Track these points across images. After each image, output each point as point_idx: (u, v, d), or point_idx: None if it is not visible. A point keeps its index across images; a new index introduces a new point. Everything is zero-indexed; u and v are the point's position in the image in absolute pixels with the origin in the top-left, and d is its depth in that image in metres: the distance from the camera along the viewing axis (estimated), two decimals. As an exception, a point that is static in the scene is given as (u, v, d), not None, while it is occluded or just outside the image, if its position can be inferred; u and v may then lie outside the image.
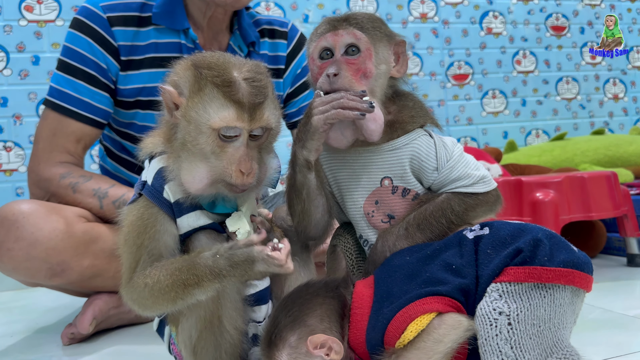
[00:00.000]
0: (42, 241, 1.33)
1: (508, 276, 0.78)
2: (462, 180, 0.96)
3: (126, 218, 0.94)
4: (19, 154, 2.37)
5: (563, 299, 0.79)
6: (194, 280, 0.88)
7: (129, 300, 0.93)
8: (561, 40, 3.22)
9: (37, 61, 2.39)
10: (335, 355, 0.81)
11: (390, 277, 0.86)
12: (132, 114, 1.58)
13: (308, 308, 0.85)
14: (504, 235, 0.83)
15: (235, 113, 0.89)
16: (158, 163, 0.97)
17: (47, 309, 1.87)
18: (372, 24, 0.99)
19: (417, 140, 0.98)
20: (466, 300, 0.81)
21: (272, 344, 0.84)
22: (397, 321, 0.78)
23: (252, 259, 0.87)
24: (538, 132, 3.15)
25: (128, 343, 1.41)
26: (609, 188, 1.75)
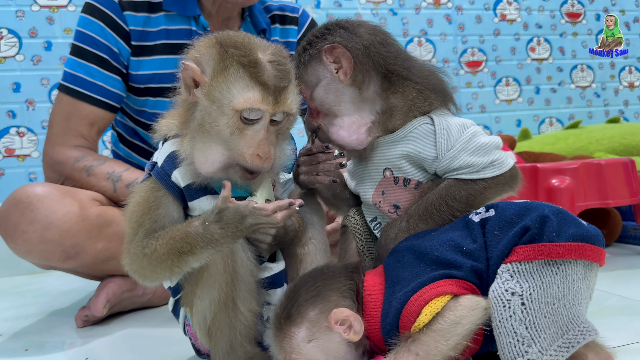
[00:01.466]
0: (57, 224, 1.33)
1: (517, 255, 0.77)
2: (465, 169, 0.93)
3: (133, 196, 0.95)
4: (32, 139, 2.38)
5: (576, 274, 0.77)
6: (188, 249, 0.88)
7: (130, 272, 0.94)
8: (576, 27, 3.17)
9: (49, 47, 2.39)
10: (354, 334, 0.80)
11: (398, 262, 0.85)
12: (142, 100, 1.58)
13: (332, 284, 0.84)
14: (510, 215, 0.82)
15: (261, 95, 0.88)
16: (171, 146, 0.96)
17: (60, 292, 1.88)
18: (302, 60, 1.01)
19: (414, 132, 0.97)
20: (479, 283, 0.79)
21: (289, 319, 0.83)
22: (412, 305, 0.77)
23: (241, 213, 0.86)
24: (552, 120, 3.12)
25: (141, 326, 1.42)
26: (626, 175, 1.73)
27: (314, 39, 1.00)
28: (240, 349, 0.98)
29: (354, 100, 0.99)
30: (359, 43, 0.97)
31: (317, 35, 1.01)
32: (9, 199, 1.37)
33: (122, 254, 0.94)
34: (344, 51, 0.97)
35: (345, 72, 0.97)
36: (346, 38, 0.98)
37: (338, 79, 0.98)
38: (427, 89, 0.99)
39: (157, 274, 0.92)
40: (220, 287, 0.93)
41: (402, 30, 2.86)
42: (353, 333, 0.80)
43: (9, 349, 1.29)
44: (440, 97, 1.00)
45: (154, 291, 1.55)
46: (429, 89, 0.99)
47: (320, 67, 0.99)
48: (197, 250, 0.88)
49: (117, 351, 1.24)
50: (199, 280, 0.95)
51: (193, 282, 0.96)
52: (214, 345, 0.98)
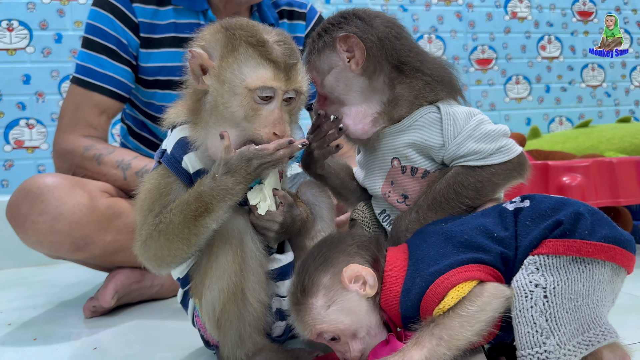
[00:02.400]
0: (66, 215, 1.33)
1: (546, 248, 0.76)
2: (472, 155, 0.93)
3: (144, 185, 0.95)
4: (41, 131, 2.39)
5: (602, 276, 0.76)
6: (204, 207, 0.88)
7: (144, 260, 0.94)
8: (587, 26, 3.15)
9: (59, 39, 2.39)
10: (369, 289, 0.81)
11: (425, 242, 0.84)
12: (151, 93, 1.59)
13: (338, 248, 0.85)
14: (545, 208, 0.81)
15: (272, 72, 0.88)
16: (179, 132, 0.97)
17: (68, 284, 1.88)
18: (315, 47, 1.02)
19: (420, 120, 0.97)
20: (505, 270, 0.79)
21: (305, 291, 0.82)
22: (438, 287, 0.77)
23: (245, 157, 0.87)
24: (562, 119, 3.10)
25: (149, 317, 1.42)
26: (638, 174, 1.71)
27: (330, 27, 1.01)
28: (249, 340, 0.98)
29: (362, 90, 0.99)
30: (373, 35, 0.98)
31: (333, 23, 1.01)
32: (20, 190, 1.37)
33: (134, 243, 0.94)
34: (358, 41, 0.97)
35: (357, 62, 0.98)
36: (362, 28, 0.98)
37: (349, 69, 0.98)
38: (435, 81, 0.99)
39: (174, 250, 0.91)
40: (229, 277, 0.93)
41: (412, 26, 2.85)
42: (368, 287, 0.81)
43: (18, 338, 1.30)
44: (448, 88, 1.00)
45: (162, 283, 1.55)
46: (437, 81, 0.99)
47: (333, 54, 0.99)
48: (214, 206, 0.88)
49: (125, 342, 1.24)
50: (208, 271, 0.95)
51: (202, 272, 0.96)
52: (223, 336, 0.98)
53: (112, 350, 1.19)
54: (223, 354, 1.00)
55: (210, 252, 0.94)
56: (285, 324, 1.08)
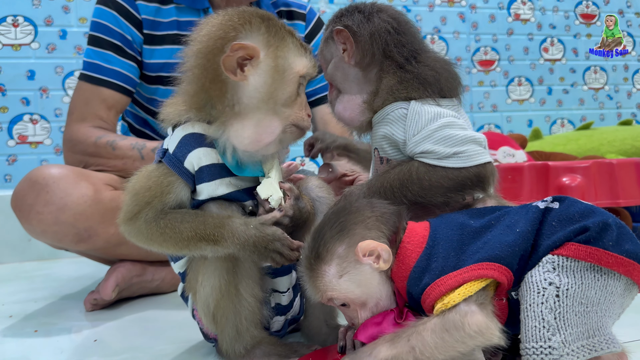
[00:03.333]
0: (71, 206, 1.34)
1: (568, 251, 0.77)
2: (426, 154, 0.92)
3: (144, 174, 0.95)
4: (45, 126, 2.40)
5: (615, 288, 0.77)
6: (215, 238, 0.90)
7: (129, 236, 0.95)
8: (590, 29, 3.15)
9: (64, 35, 2.41)
10: (383, 263, 0.81)
11: (449, 229, 0.83)
12: (153, 89, 1.62)
13: (355, 218, 0.84)
14: (573, 212, 0.81)
15: (310, 61, 0.97)
16: (183, 130, 0.96)
17: (70, 278, 1.89)
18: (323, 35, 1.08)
19: (390, 115, 0.98)
20: (518, 266, 0.79)
21: (319, 257, 0.83)
22: (451, 278, 0.77)
23: (277, 236, 0.91)
24: (563, 121, 3.10)
25: (150, 311, 1.43)
26: (638, 175, 1.72)
27: (335, 18, 1.06)
28: (246, 333, 0.99)
29: (357, 80, 1.03)
30: (366, 29, 1.00)
31: (338, 15, 1.06)
32: (25, 180, 1.38)
33: (120, 217, 0.94)
34: (348, 35, 1.01)
35: (349, 54, 1.02)
36: (357, 22, 1.01)
37: (344, 60, 1.03)
38: (415, 79, 0.98)
39: (164, 249, 0.94)
40: (220, 274, 0.94)
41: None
42: (382, 262, 0.81)
43: (19, 330, 1.31)
44: (429, 88, 0.98)
45: (163, 277, 1.56)
46: (417, 79, 0.98)
47: (333, 45, 1.05)
48: (223, 243, 0.90)
49: (126, 335, 1.25)
50: (200, 267, 0.96)
51: (195, 269, 0.97)
52: (220, 330, 0.99)
53: (112, 342, 1.20)
54: (222, 348, 1.01)
55: None
56: (284, 318, 1.08)
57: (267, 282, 1.03)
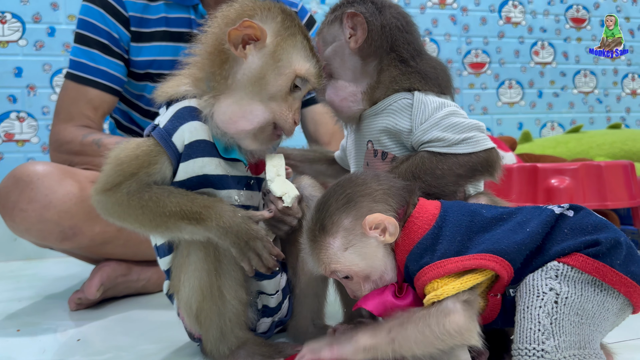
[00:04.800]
0: (56, 204, 1.33)
1: (575, 261, 0.77)
2: (435, 142, 0.93)
3: (132, 145, 0.94)
4: (32, 124, 2.37)
5: (612, 306, 0.77)
6: (200, 217, 0.89)
7: (102, 207, 0.93)
8: (581, 33, 3.17)
9: (52, 32, 2.39)
10: (389, 236, 0.80)
11: (462, 215, 0.82)
12: (142, 86, 1.61)
13: (362, 191, 0.83)
14: (587, 224, 0.80)
15: (315, 69, 0.95)
16: (177, 105, 0.96)
17: (55, 278, 1.87)
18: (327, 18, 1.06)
19: (393, 105, 0.99)
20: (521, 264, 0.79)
21: (323, 230, 0.82)
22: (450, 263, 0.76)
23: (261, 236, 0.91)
24: (553, 124, 3.11)
25: (135, 311, 1.41)
26: (626, 178, 1.73)
27: (345, 2, 1.06)
28: (231, 334, 0.98)
29: (355, 69, 1.02)
30: (379, 20, 1.01)
31: (350, 0, 1.05)
32: (9, 177, 1.36)
33: (97, 192, 0.92)
34: (363, 21, 1.00)
35: (357, 40, 1.01)
36: (370, 12, 1.02)
37: (348, 45, 1.02)
38: (417, 73, 1.00)
39: (140, 225, 0.92)
40: (201, 275, 0.93)
41: (406, 29, 2.86)
42: (388, 235, 0.80)
43: (1, 329, 1.28)
44: (429, 82, 1.01)
45: (149, 277, 1.54)
46: (418, 73, 1.00)
47: (339, 28, 1.04)
48: (207, 224, 0.89)
49: (110, 334, 1.23)
50: (182, 267, 0.95)
51: (178, 268, 0.96)
52: (204, 331, 0.98)
53: (96, 341, 1.18)
54: (206, 348, 1.00)
55: (184, 247, 0.94)
56: (271, 320, 1.07)
57: (253, 284, 1.02)
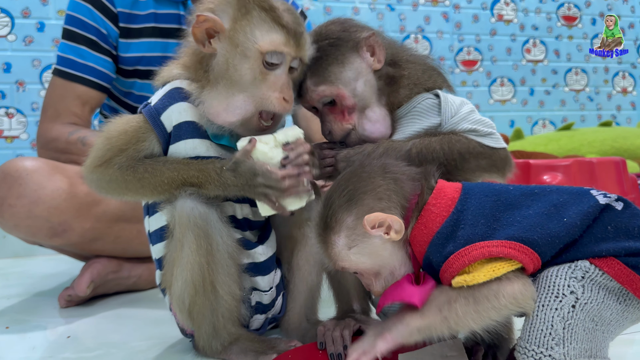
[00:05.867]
0: (45, 200, 1.31)
1: (609, 267, 0.71)
2: (469, 132, 0.94)
3: (122, 120, 0.94)
4: (21, 120, 2.35)
5: (632, 315, 0.73)
6: (197, 182, 0.90)
7: (95, 184, 0.94)
8: (572, 31, 3.18)
9: (42, 27, 2.36)
10: (395, 234, 0.76)
11: (485, 196, 0.78)
12: (130, 82, 1.60)
13: (365, 187, 0.79)
14: (635, 225, 0.73)
15: (284, 38, 0.90)
16: (171, 85, 0.96)
17: (44, 275, 1.85)
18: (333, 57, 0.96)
19: (418, 106, 0.98)
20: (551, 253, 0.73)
21: (328, 227, 0.79)
22: (475, 249, 0.72)
23: (254, 171, 0.89)
24: (545, 122, 3.12)
25: (126, 308, 1.40)
26: (617, 174, 1.73)
27: (343, 34, 0.98)
28: (223, 330, 0.97)
29: (375, 89, 0.99)
30: (376, 34, 0.99)
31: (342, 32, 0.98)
32: None
33: (89, 169, 0.93)
34: (377, 39, 0.98)
35: (379, 59, 0.98)
36: (369, 29, 1.00)
37: (371, 68, 0.98)
38: (430, 68, 1.01)
39: (140, 196, 0.93)
40: (193, 269, 0.92)
41: (399, 26, 2.86)
42: (394, 233, 0.76)
43: (-10, 326, 1.27)
44: (431, 77, 1.01)
45: (140, 274, 1.53)
46: (431, 68, 1.01)
47: (358, 59, 0.97)
48: (208, 187, 0.90)
49: (100, 331, 1.22)
50: (175, 261, 0.94)
51: (171, 262, 0.95)
52: (197, 327, 0.97)
53: (86, 338, 1.17)
54: (199, 345, 0.99)
55: (177, 241, 0.93)
56: (265, 317, 1.07)
57: (247, 280, 1.01)
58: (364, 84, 0.97)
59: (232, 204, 0.99)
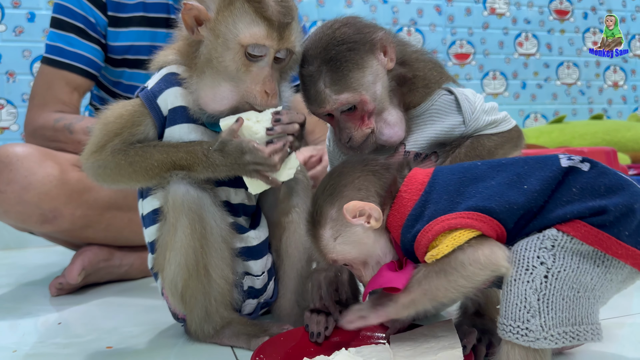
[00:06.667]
0: (35, 185, 1.30)
1: (576, 231, 0.69)
2: (489, 126, 0.96)
3: (119, 105, 0.95)
4: (11, 112, 2.33)
5: (616, 276, 0.71)
6: (186, 164, 0.90)
7: (92, 171, 0.94)
8: (564, 25, 3.19)
9: (32, 18, 2.34)
10: (375, 222, 0.79)
11: (452, 174, 0.79)
12: (119, 72, 1.59)
13: (345, 180, 0.83)
14: (601, 184, 0.71)
15: (265, 31, 0.88)
16: (167, 70, 0.97)
17: (35, 266, 1.84)
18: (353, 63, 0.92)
19: (436, 104, 0.97)
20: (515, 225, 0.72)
21: (315, 222, 0.82)
22: (437, 224, 0.73)
23: (241, 149, 0.89)
24: (537, 115, 3.13)
25: (117, 296, 1.39)
26: (608, 164, 1.72)
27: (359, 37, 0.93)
28: (216, 314, 0.97)
29: (389, 89, 0.96)
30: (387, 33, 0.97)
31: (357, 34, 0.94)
32: None
33: (86, 156, 0.93)
34: (389, 38, 0.95)
35: (392, 58, 0.95)
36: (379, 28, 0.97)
37: (386, 68, 0.95)
38: (437, 65, 1.01)
39: (133, 181, 0.93)
40: (187, 252, 0.92)
41: (392, 18, 2.86)
42: (373, 220, 0.79)
43: (-20, 314, 1.26)
44: (441, 73, 1.00)
45: (132, 263, 1.52)
46: (438, 65, 1.01)
47: (375, 61, 0.94)
48: (196, 169, 0.91)
49: (91, 317, 1.21)
50: (168, 244, 0.93)
51: (164, 246, 0.95)
52: (189, 311, 0.97)
53: (77, 325, 1.16)
54: (190, 328, 0.99)
55: (170, 225, 0.93)
56: (257, 302, 1.07)
57: (240, 264, 1.01)
58: (381, 87, 0.94)
59: (227, 189, 0.99)
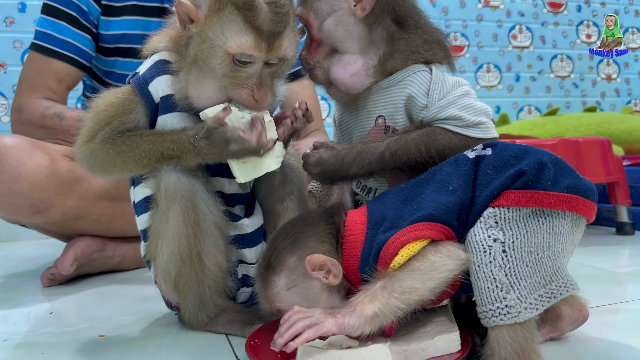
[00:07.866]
0: (25, 176, 1.29)
1: (507, 200, 0.73)
2: (452, 120, 0.89)
3: (110, 93, 0.94)
4: (3, 103, 2.31)
5: (563, 227, 0.74)
6: (174, 153, 0.89)
7: (83, 161, 0.92)
8: (558, 17, 3.19)
9: (23, 8, 2.32)
10: (333, 278, 0.78)
11: (384, 204, 0.82)
12: (112, 61, 1.58)
13: (309, 230, 0.82)
14: (507, 156, 0.77)
15: (253, 41, 0.86)
16: (159, 56, 0.95)
17: (26, 258, 1.82)
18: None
19: (411, 76, 0.92)
20: (458, 222, 0.76)
21: (270, 267, 0.80)
22: (389, 247, 0.74)
23: (227, 139, 0.88)
24: (530, 108, 3.14)
25: (110, 285, 1.38)
26: (603, 154, 1.74)
27: None
28: (210, 302, 0.96)
29: (361, 39, 0.94)
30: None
31: None
32: None
33: (77, 140, 0.92)
34: None
35: (364, 7, 0.92)
36: None
37: (353, 13, 0.93)
38: (433, 41, 0.96)
39: (124, 171, 0.92)
40: (180, 240, 0.91)
41: (385, 10, 2.85)
42: (332, 277, 0.78)
43: (-30, 305, 1.24)
44: (443, 51, 0.97)
45: (124, 254, 1.51)
46: (434, 41, 0.96)
47: (343, 3, 0.93)
48: (185, 157, 0.89)
49: (83, 307, 1.20)
50: (161, 232, 0.92)
51: (156, 233, 0.94)
52: (183, 299, 0.96)
53: (69, 314, 1.15)
54: (184, 317, 0.98)
55: (162, 212, 0.92)
56: (251, 290, 1.06)
57: (234, 252, 1.00)
58: (335, 24, 0.93)
59: (221, 180, 0.98)
